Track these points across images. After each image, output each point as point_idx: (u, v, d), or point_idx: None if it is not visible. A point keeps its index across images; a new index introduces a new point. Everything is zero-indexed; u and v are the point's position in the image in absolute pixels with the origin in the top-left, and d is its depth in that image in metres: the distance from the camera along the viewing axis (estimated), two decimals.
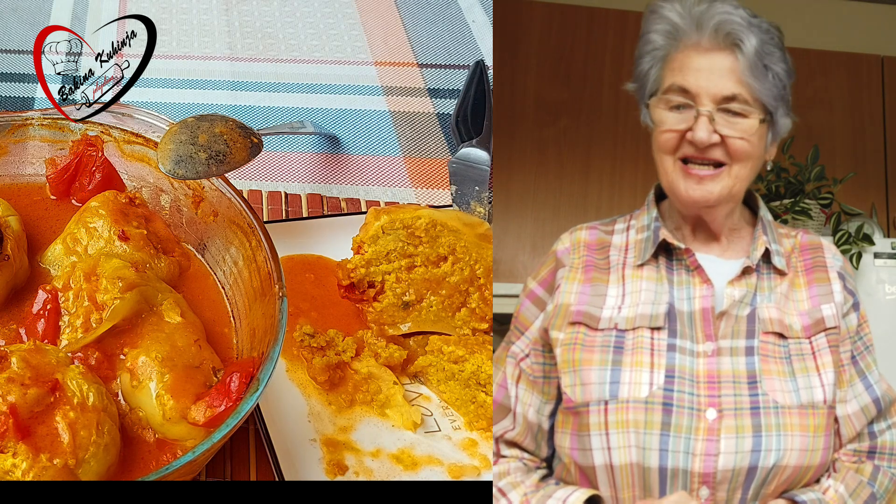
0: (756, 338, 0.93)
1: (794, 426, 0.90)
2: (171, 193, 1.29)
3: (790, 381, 0.92)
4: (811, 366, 0.94)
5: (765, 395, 0.90)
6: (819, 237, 1.02)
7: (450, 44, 1.97)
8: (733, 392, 0.91)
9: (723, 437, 0.89)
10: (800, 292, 0.97)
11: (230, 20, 1.98)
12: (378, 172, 1.63)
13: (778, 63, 0.94)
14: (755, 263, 0.96)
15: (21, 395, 0.97)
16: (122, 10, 1.96)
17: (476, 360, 1.21)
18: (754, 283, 0.95)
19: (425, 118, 1.76)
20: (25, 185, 1.31)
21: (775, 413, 0.90)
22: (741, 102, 0.93)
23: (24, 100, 1.70)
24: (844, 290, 0.98)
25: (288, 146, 1.65)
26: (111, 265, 1.13)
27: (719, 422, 0.89)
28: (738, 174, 0.94)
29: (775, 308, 0.95)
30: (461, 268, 1.27)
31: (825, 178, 1.68)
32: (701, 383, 0.91)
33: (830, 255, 1.00)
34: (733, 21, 0.93)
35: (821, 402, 0.92)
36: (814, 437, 0.91)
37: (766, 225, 0.98)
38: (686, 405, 0.90)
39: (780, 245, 0.98)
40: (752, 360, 0.92)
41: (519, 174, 1.84)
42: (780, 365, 0.93)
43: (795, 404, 0.91)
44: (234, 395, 1.03)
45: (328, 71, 1.87)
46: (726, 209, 0.96)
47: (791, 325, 0.94)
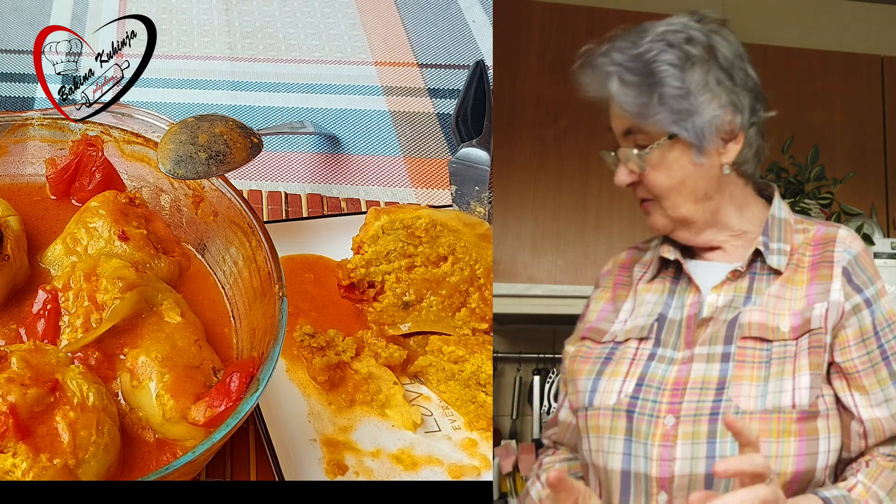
0: (734, 343, 0.92)
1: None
2: (171, 193, 1.29)
3: (761, 385, 0.90)
4: (788, 369, 0.91)
5: (728, 400, 0.90)
6: (838, 229, 0.96)
7: (450, 44, 1.97)
8: (697, 399, 0.91)
9: (679, 444, 0.90)
10: (798, 290, 0.94)
11: (230, 20, 1.98)
12: (378, 172, 1.63)
13: (659, 82, 0.91)
14: (744, 266, 0.95)
15: (21, 395, 0.97)
16: (122, 10, 1.96)
17: (476, 360, 1.21)
18: (745, 285, 0.95)
19: (425, 118, 1.76)
20: (25, 185, 1.31)
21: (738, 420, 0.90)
22: (637, 133, 0.93)
23: (24, 100, 1.70)
24: (847, 287, 0.93)
25: (288, 146, 1.65)
26: (111, 265, 1.13)
27: (676, 428, 0.90)
28: (671, 203, 0.94)
29: (759, 311, 0.93)
30: (461, 268, 1.27)
31: (825, 178, 1.68)
32: (666, 391, 0.92)
33: (841, 249, 0.94)
34: (600, 62, 0.93)
35: (788, 406, 0.89)
36: (777, 443, 0.89)
37: (773, 223, 0.96)
38: (647, 412, 0.92)
39: (788, 242, 0.96)
40: (726, 366, 0.92)
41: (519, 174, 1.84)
42: (756, 370, 0.91)
43: (759, 409, 0.89)
44: (234, 395, 1.03)
45: (328, 71, 1.87)
46: (693, 230, 0.96)
47: (778, 326, 0.92)
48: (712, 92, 0.91)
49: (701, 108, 0.91)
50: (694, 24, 0.93)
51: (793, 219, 0.98)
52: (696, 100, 0.91)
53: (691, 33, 0.92)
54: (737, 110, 0.93)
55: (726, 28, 0.95)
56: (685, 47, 0.91)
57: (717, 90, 0.92)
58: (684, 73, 0.91)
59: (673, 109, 0.91)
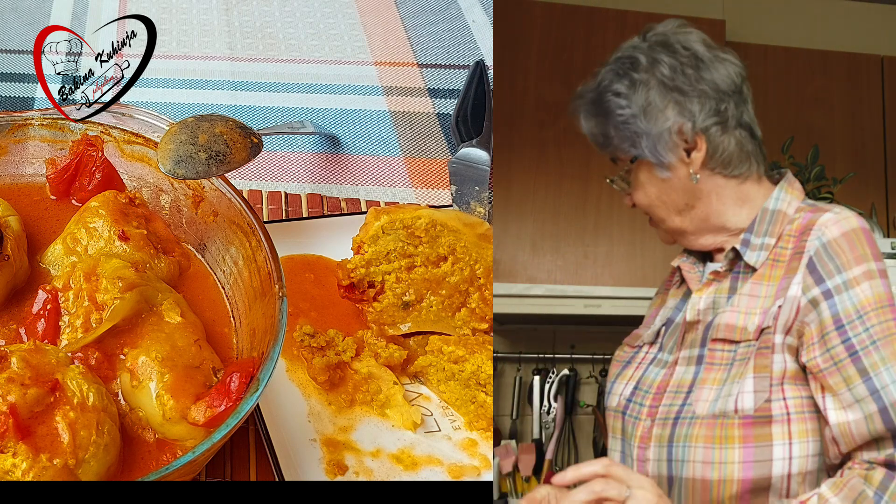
0: (706, 345, 0.92)
1: (699, 437, 0.89)
2: (171, 193, 1.29)
3: (719, 389, 0.90)
4: (742, 371, 0.89)
5: (689, 405, 0.90)
6: (822, 212, 0.92)
7: (450, 44, 1.97)
8: (670, 402, 0.92)
9: (652, 446, 0.92)
10: (771, 287, 0.91)
11: (230, 20, 1.98)
12: (378, 172, 1.63)
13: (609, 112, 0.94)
14: (724, 266, 0.95)
15: (21, 395, 0.97)
16: (122, 10, 1.96)
17: (476, 360, 1.21)
18: (727, 285, 0.94)
19: (425, 118, 1.76)
20: (25, 185, 1.31)
21: (689, 424, 0.90)
22: (617, 159, 0.97)
23: (24, 100, 1.70)
24: (808, 279, 0.88)
25: (288, 146, 1.65)
26: (111, 265, 1.13)
27: (650, 430, 0.92)
28: (658, 218, 0.97)
29: (732, 311, 0.92)
30: (461, 268, 1.27)
31: (825, 178, 1.68)
32: (651, 394, 0.94)
33: (814, 237, 0.89)
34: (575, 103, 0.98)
35: (732, 411, 0.87)
36: (721, 450, 0.88)
37: (763, 217, 0.94)
38: (634, 414, 0.95)
39: (775, 234, 0.93)
40: (698, 368, 0.92)
41: (519, 174, 1.84)
42: (720, 372, 0.91)
43: (708, 414, 0.89)
44: (234, 395, 1.03)
45: (328, 71, 1.87)
46: (689, 238, 0.98)
47: (746, 326, 0.90)
48: (657, 108, 0.93)
49: (648, 127, 0.93)
50: (640, 44, 0.95)
51: (794, 207, 0.94)
52: (642, 121, 0.93)
53: (635, 56, 0.94)
54: (686, 119, 0.93)
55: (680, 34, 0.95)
56: (630, 74, 0.94)
57: (661, 104, 0.93)
58: (630, 98, 0.93)
59: (626, 135, 0.94)
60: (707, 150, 0.93)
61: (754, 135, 0.95)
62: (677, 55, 0.93)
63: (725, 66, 0.94)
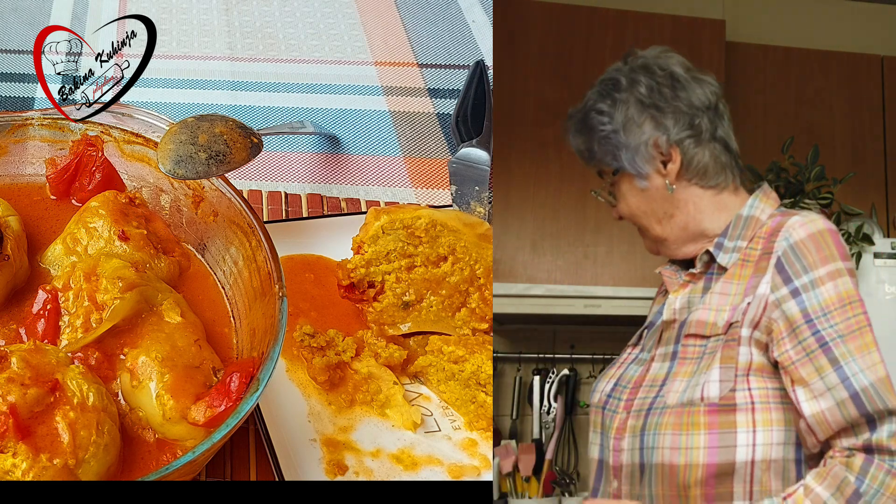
0: (680, 342, 0.99)
1: (668, 425, 0.95)
2: (171, 193, 1.29)
3: (689, 380, 0.96)
4: (710, 363, 0.95)
5: (661, 396, 0.97)
6: (791, 217, 0.98)
7: (450, 44, 1.97)
8: (644, 395, 0.99)
9: (626, 436, 0.98)
10: (740, 285, 0.97)
11: (230, 20, 1.98)
12: (378, 172, 1.63)
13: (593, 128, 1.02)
14: (698, 269, 1.02)
15: (21, 395, 0.97)
16: (122, 10, 1.96)
17: (476, 360, 1.21)
18: (701, 286, 1.01)
19: (425, 118, 1.76)
20: (25, 185, 1.31)
21: (660, 413, 0.96)
22: (602, 173, 1.05)
23: (24, 100, 1.70)
24: (777, 278, 0.95)
25: (288, 146, 1.66)
26: (111, 265, 1.13)
27: (626, 422, 0.99)
28: (641, 227, 1.04)
29: (704, 308, 0.98)
30: (461, 268, 1.27)
31: (825, 178, 1.67)
32: (628, 388, 1.01)
33: (782, 238, 0.96)
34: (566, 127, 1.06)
35: (697, 399, 0.94)
36: (688, 436, 0.93)
37: (737, 222, 1.01)
38: (612, 408, 1.01)
39: (745, 239, 0.99)
40: (672, 363, 0.99)
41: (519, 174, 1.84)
42: (691, 365, 0.97)
43: (677, 404, 0.95)
44: (234, 395, 1.03)
45: (328, 71, 1.87)
46: (671, 247, 1.04)
47: (716, 322, 0.97)
48: (635, 123, 1.01)
49: (627, 140, 1.01)
50: (622, 66, 1.04)
51: (767, 213, 1.01)
52: (622, 135, 1.01)
53: (617, 78, 1.02)
54: (661, 132, 1.01)
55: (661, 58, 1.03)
56: (612, 94, 1.02)
57: (638, 119, 1.01)
58: (611, 116, 1.01)
59: (608, 149, 1.02)
60: (682, 162, 1.00)
61: (729, 148, 1.02)
62: (655, 76, 1.01)
63: (701, 86, 1.02)
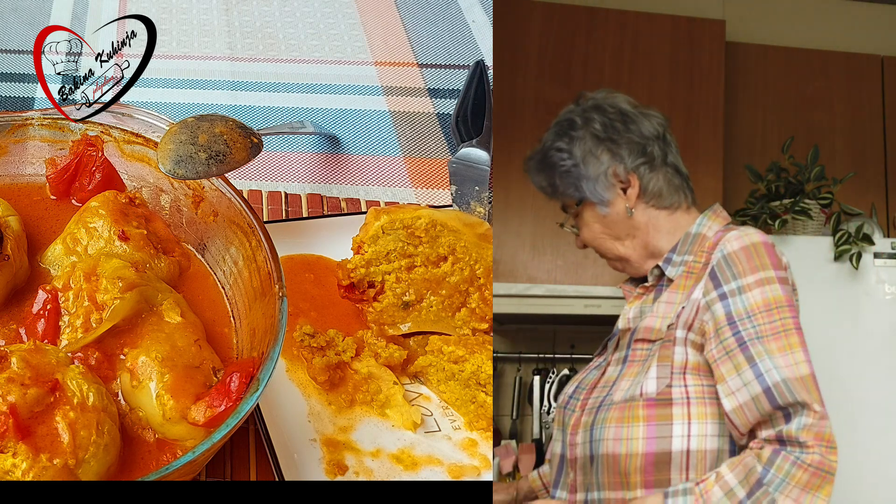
0: (630, 347, 1.07)
1: (612, 419, 1.02)
2: (171, 193, 1.29)
3: (633, 379, 1.04)
4: (650, 363, 1.04)
5: (610, 395, 1.05)
6: (728, 231, 1.06)
7: (450, 44, 1.97)
8: (597, 395, 1.07)
9: (580, 431, 1.06)
10: (683, 294, 1.05)
11: (230, 20, 1.98)
12: (378, 172, 1.63)
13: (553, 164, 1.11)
14: (651, 283, 1.10)
15: (21, 395, 0.97)
16: (122, 10, 1.96)
17: (476, 360, 1.21)
18: (652, 297, 1.09)
19: (425, 118, 1.76)
20: (25, 185, 1.31)
21: (607, 409, 1.04)
22: (565, 206, 1.14)
23: (24, 100, 1.70)
24: (709, 284, 1.02)
25: (288, 146, 1.66)
26: (111, 265, 1.13)
27: (580, 419, 1.07)
28: (603, 251, 1.13)
29: (651, 316, 1.07)
30: (461, 268, 1.27)
31: (825, 178, 1.67)
32: (585, 390, 1.09)
33: (718, 251, 1.04)
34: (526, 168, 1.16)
35: (637, 395, 1.02)
36: (628, 427, 1.01)
37: (686, 239, 1.09)
38: (571, 408, 1.09)
39: (691, 254, 1.07)
40: (623, 367, 1.07)
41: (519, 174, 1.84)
42: (637, 367, 1.05)
43: (620, 400, 1.03)
44: (234, 395, 1.03)
45: (328, 71, 1.87)
46: (633, 265, 1.12)
47: (660, 328, 1.05)
48: (593, 156, 1.10)
49: (588, 172, 1.10)
50: (575, 108, 1.13)
51: (714, 230, 1.08)
52: (582, 168, 1.10)
53: (572, 118, 1.11)
54: (618, 161, 1.09)
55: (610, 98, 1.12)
56: (569, 132, 1.11)
57: (596, 152, 1.10)
58: (570, 152, 1.10)
59: (570, 182, 1.11)
60: (640, 186, 1.09)
61: (680, 172, 1.11)
62: (606, 113, 1.11)
63: (649, 119, 1.11)
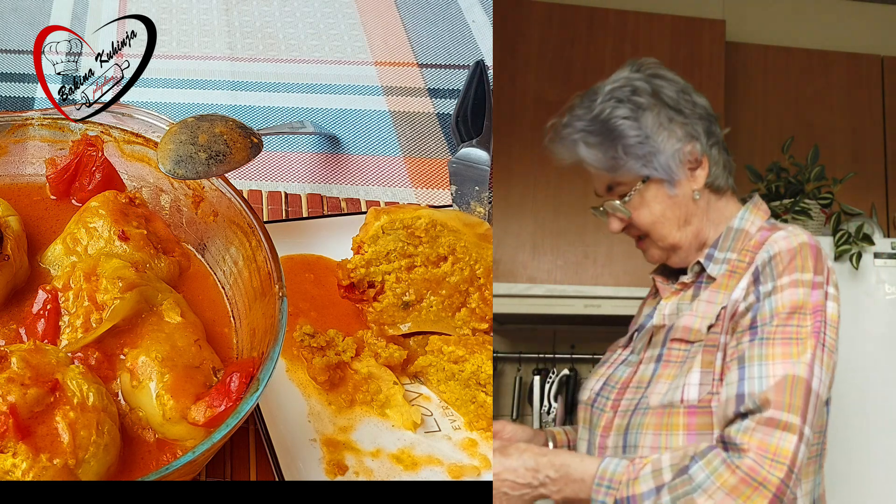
0: (665, 345, 1.02)
1: (649, 425, 0.97)
2: (171, 193, 1.29)
3: (672, 383, 0.98)
4: (690, 367, 0.98)
5: (645, 398, 0.99)
6: (776, 230, 1.01)
7: (450, 44, 1.97)
8: (631, 396, 1.01)
9: (612, 435, 1.01)
10: (726, 294, 1.00)
11: (230, 20, 1.98)
12: (378, 172, 1.63)
13: (619, 136, 1.00)
14: (690, 278, 1.04)
15: (21, 395, 0.97)
16: (122, 10, 1.96)
17: (476, 360, 1.21)
18: (691, 293, 1.03)
19: (425, 118, 1.76)
20: (25, 185, 1.31)
21: (643, 414, 0.99)
22: (616, 186, 1.03)
23: (24, 100, 1.70)
24: (751, 286, 0.97)
25: (288, 146, 1.66)
26: (111, 265, 1.13)
27: (612, 421, 1.01)
28: (659, 235, 1.04)
29: (690, 315, 1.01)
30: (461, 268, 1.27)
31: (825, 178, 1.67)
32: (616, 389, 1.03)
33: (765, 250, 0.99)
34: (565, 133, 1.03)
35: (678, 401, 0.96)
36: (667, 436, 0.96)
37: (728, 234, 1.03)
38: (600, 407, 1.04)
39: (734, 251, 1.02)
40: (657, 366, 1.01)
41: (519, 174, 1.84)
42: (674, 368, 0.99)
43: (658, 405, 0.98)
44: (234, 395, 1.03)
45: (328, 71, 1.87)
46: (681, 255, 1.05)
47: (700, 328, 0.99)
48: (667, 130, 1.00)
49: (661, 146, 1.00)
50: (634, 74, 1.02)
51: (757, 226, 1.03)
52: (655, 141, 1.00)
53: (635, 84, 1.01)
54: (694, 139, 1.01)
55: (664, 69, 1.03)
56: (633, 98, 1.00)
57: (670, 127, 1.01)
58: (638, 121, 1.00)
59: (638, 155, 1.00)
60: (708, 168, 1.02)
61: (728, 154, 1.05)
62: (673, 83, 1.02)
63: (701, 95, 1.04)
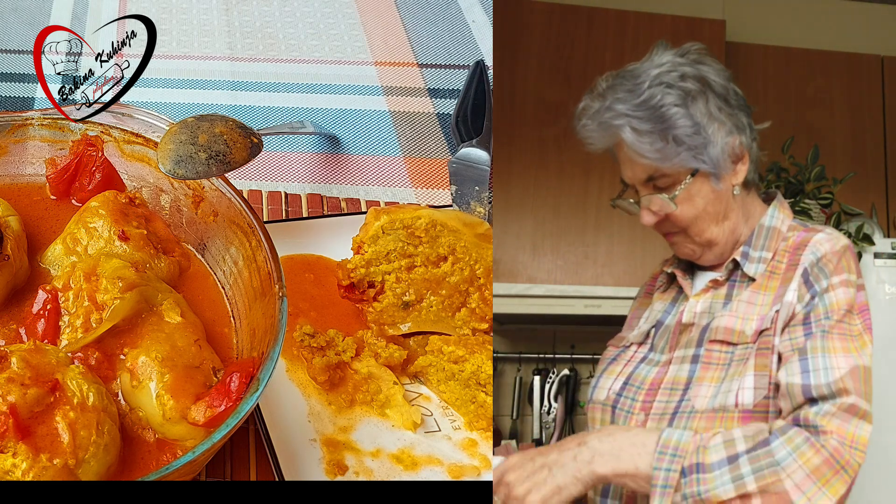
0: (703, 346, 0.98)
1: (700, 430, 0.92)
2: (171, 193, 1.29)
3: (718, 386, 0.95)
4: (742, 370, 0.94)
5: (687, 400, 0.95)
6: (816, 233, 1.00)
7: (450, 44, 1.97)
8: (666, 398, 0.97)
9: None
10: (768, 296, 0.97)
11: (230, 20, 1.98)
12: (378, 172, 1.63)
13: (671, 125, 0.94)
14: (724, 275, 1.01)
15: (21, 395, 0.97)
16: (122, 10, 1.96)
17: (476, 360, 1.21)
18: (724, 292, 1.00)
19: (425, 118, 1.76)
20: (25, 185, 1.31)
21: (688, 417, 0.95)
22: (659, 177, 0.98)
23: (24, 100, 1.70)
24: (803, 288, 0.95)
25: (288, 146, 1.66)
26: (111, 265, 1.13)
27: (643, 424, 0.97)
28: (697, 230, 1.00)
29: (730, 315, 0.97)
30: (461, 268, 1.27)
31: (825, 178, 1.67)
32: (644, 389, 0.99)
33: (809, 252, 0.97)
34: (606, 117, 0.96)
35: (732, 405, 0.93)
36: None
37: (760, 232, 1.01)
38: (625, 408, 0.99)
39: (771, 249, 1.00)
40: (694, 367, 0.97)
41: (519, 174, 1.84)
42: (718, 371, 0.96)
43: (709, 408, 0.94)
44: (234, 395, 1.03)
45: (328, 71, 1.87)
46: (716, 251, 1.01)
47: (743, 330, 0.96)
48: (718, 120, 0.96)
49: (712, 137, 0.95)
50: (680, 59, 0.97)
51: (787, 225, 1.02)
52: (706, 132, 0.95)
53: (682, 70, 0.96)
54: (740, 131, 0.98)
55: (709, 55, 0.98)
56: (682, 84, 0.95)
57: (720, 117, 0.96)
58: (689, 109, 0.95)
59: (690, 146, 0.95)
60: (749, 163, 0.99)
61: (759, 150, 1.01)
62: (721, 70, 0.97)
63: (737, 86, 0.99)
